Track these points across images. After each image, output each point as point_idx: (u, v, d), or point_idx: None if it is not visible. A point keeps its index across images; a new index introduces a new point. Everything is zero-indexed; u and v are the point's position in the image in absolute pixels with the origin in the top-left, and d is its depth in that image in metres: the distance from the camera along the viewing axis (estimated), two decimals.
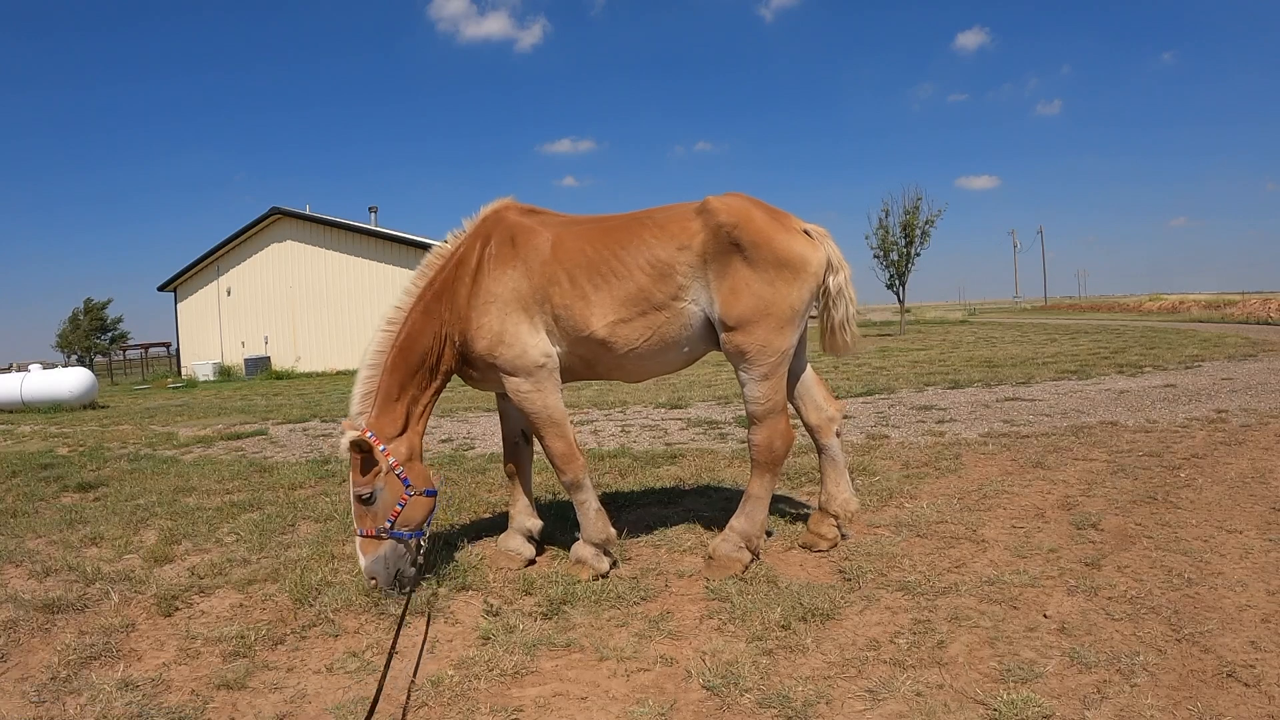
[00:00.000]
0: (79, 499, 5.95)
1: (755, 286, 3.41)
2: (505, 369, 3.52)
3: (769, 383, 3.48)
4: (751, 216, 3.48)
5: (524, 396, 3.54)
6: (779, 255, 3.43)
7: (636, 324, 3.50)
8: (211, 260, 27.90)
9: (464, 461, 6.56)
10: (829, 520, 3.85)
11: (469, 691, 2.62)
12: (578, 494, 3.62)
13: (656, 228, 3.56)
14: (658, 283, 3.47)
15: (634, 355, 3.56)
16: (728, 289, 3.42)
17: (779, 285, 3.42)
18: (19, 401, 15.59)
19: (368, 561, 3.30)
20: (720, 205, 3.50)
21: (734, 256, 3.42)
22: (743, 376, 3.53)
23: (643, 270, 3.48)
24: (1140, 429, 6.45)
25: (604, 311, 3.48)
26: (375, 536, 3.31)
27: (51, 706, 2.66)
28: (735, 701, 2.49)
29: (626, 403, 10.03)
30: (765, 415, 3.51)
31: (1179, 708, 2.31)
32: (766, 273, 3.41)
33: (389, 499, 3.34)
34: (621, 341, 3.51)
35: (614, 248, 3.52)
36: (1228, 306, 33.10)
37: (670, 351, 3.61)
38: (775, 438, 3.52)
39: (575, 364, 3.65)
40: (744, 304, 3.41)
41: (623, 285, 3.48)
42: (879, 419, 7.70)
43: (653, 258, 3.49)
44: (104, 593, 3.69)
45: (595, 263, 3.50)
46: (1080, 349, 15.26)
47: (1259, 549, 3.52)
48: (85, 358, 41.23)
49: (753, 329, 3.42)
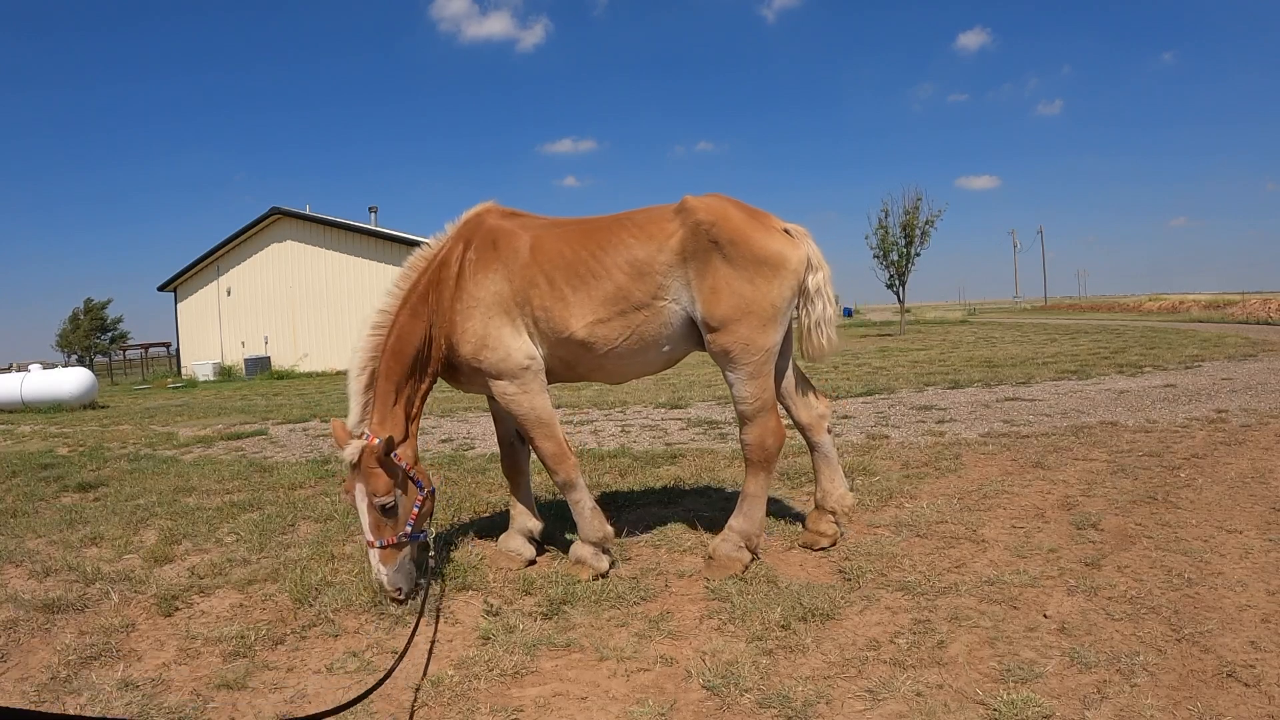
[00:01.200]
0: (79, 499, 5.94)
1: (736, 285, 3.41)
2: (490, 373, 3.52)
3: (756, 381, 3.49)
4: (729, 215, 3.49)
5: (510, 399, 3.54)
6: (758, 253, 3.43)
7: (615, 324, 3.50)
8: (211, 260, 27.90)
9: (464, 461, 6.56)
10: (827, 517, 3.85)
11: (469, 691, 2.62)
12: (571, 494, 3.62)
13: (635, 228, 3.57)
14: (637, 282, 3.48)
15: (614, 355, 3.57)
16: (708, 288, 3.43)
17: (759, 283, 3.42)
18: (19, 401, 15.60)
19: (390, 572, 3.21)
20: (698, 204, 3.52)
21: (713, 255, 3.42)
22: (730, 377, 3.54)
23: (621, 270, 3.49)
24: (1140, 429, 6.45)
25: (583, 312, 3.48)
26: (396, 545, 3.24)
27: (52, 706, 2.66)
28: (735, 701, 2.49)
29: (626, 403, 10.03)
30: (755, 414, 3.52)
31: (1179, 708, 2.31)
32: (746, 270, 3.41)
33: (407, 505, 3.32)
34: (601, 342, 3.52)
35: (593, 249, 3.53)
36: (1228, 306, 33.11)
37: (650, 351, 3.62)
38: (767, 435, 3.53)
39: (556, 366, 3.66)
40: (725, 303, 3.41)
41: (601, 286, 3.48)
42: (879, 419, 7.70)
43: (631, 257, 3.50)
44: (104, 593, 3.69)
45: (574, 264, 3.51)
46: (1080, 349, 15.25)
47: (1259, 549, 3.52)
48: (85, 358, 41.25)
49: (736, 328, 3.42)
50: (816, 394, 3.97)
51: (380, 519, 3.23)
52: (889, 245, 26.30)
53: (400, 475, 3.30)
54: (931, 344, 19.40)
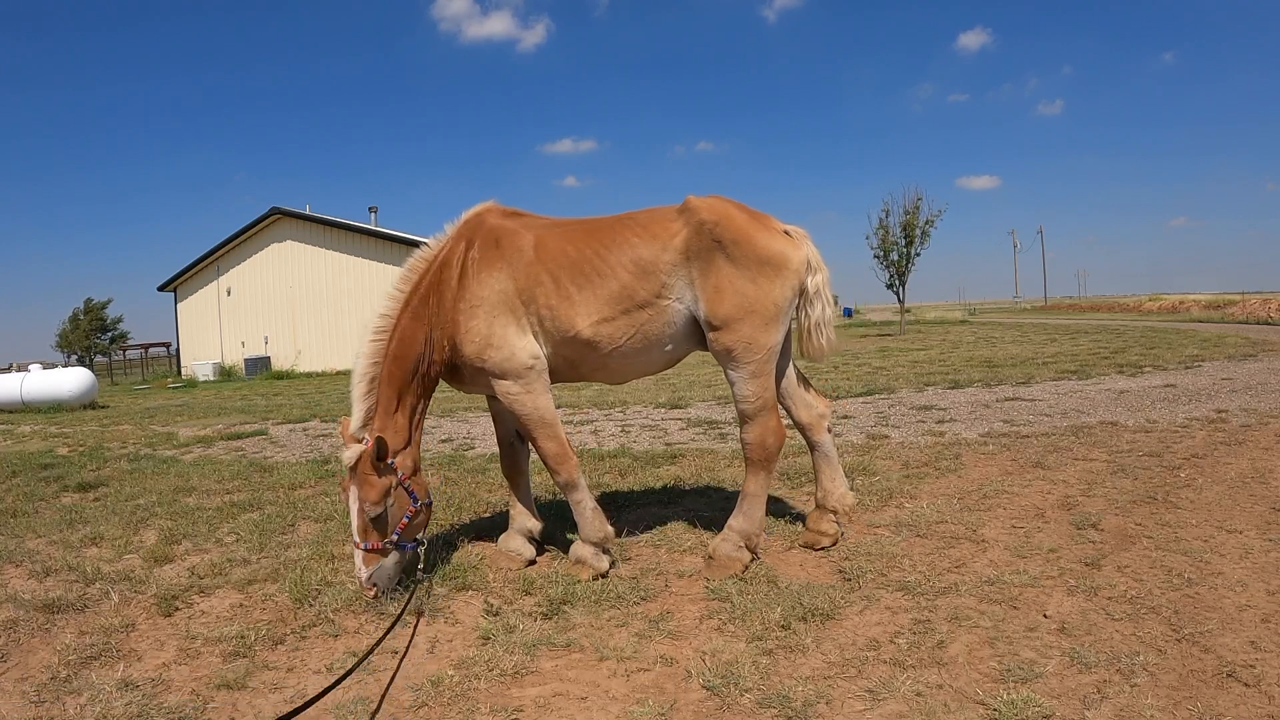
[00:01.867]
0: (79, 499, 5.95)
1: (739, 284, 3.44)
2: (494, 372, 3.53)
3: (758, 381, 3.51)
4: (732, 215, 3.54)
5: (514, 399, 3.54)
6: (760, 253, 3.47)
7: (620, 322, 3.53)
8: (211, 260, 27.90)
9: (464, 461, 6.56)
10: (828, 516, 3.86)
11: (469, 691, 2.62)
12: (573, 494, 3.62)
13: (639, 227, 3.60)
14: (641, 281, 3.51)
15: (618, 354, 3.59)
16: (711, 287, 3.46)
17: (761, 282, 3.46)
18: (19, 401, 15.60)
19: (369, 571, 3.28)
20: (701, 204, 3.56)
21: (716, 254, 3.46)
22: (731, 375, 3.56)
23: (626, 269, 3.51)
24: (1140, 429, 6.45)
25: (588, 311, 3.50)
26: (379, 550, 3.31)
27: (51, 706, 2.66)
28: (735, 701, 2.49)
29: (626, 403, 10.03)
30: (756, 413, 3.54)
31: (1179, 708, 2.31)
32: (749, 270, 3.45)
33: (397, 513, 3.36)
34: (606, 340, 3.54)
35: (597, 248, 3.56)
36: (1228, 306, 33.10)
37: (654, 350, 3.64)
38: (767, 435, 3.55)
39: (560, 365, 3.68)
40: (728, 302, 3.44)
41: (606, 285, 3.51)
42: (879, 419, 7.70)
43: (636, 256, 3.52)
44: (104, 593, 3.69)
45: (579, 263, 3.53)
46: (1080, 349, 15.26)
47: (1259, 549, 3.52)
48: (85, 358, 41.27)
49: (738, 326, 3.45)
50: (816, 394, 3.98)
51: (367, 524, 3.30)
52: (889, 245, 26.30)
53: (394, 484, 3.34)
54: (931, 344, 19.40)
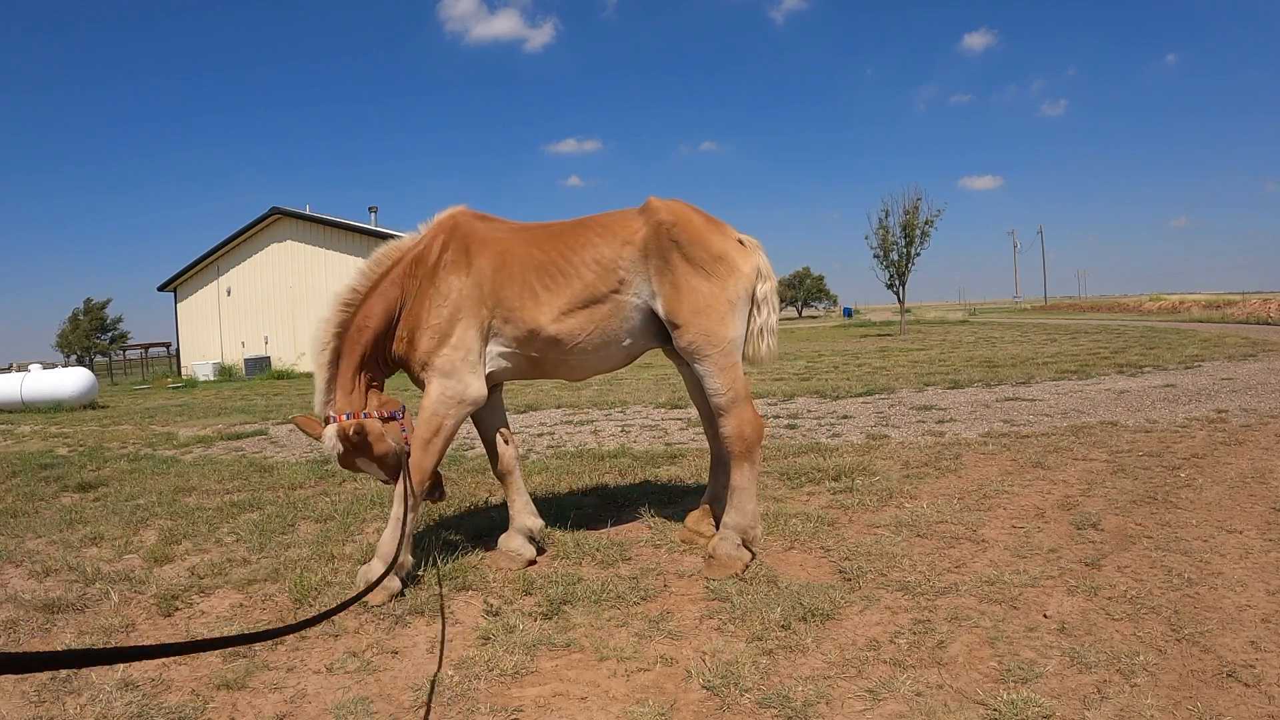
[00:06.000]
0: (79, 499, 5.95)
1: (694, 281, 3.59)
2: (442, 369, 3.57)
3: (726, 374, 3.61)
4: (690, 217, 3.70)
5: (438, 399, 3.58)
6: (714, 252, 3.62)
7: (580, 316, 3.64)
8: (211, 260, 27.91)
9: (464, 461, 6.56)
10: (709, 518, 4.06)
11: (469, 691, 2.62)
12: (400, 507, 3.47)
13: (601, 228, 3.75)
14: (602, 278, 3.65)
15: (578, 350, 3.70)
16: (669, 285, 3.60)
17: (715, 280, 3.61)
18: (19, 401, 15.61)
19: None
20: (661, 205, 3.73)
21: (673, 253, 3.60)
22: (699, 370, 3.65)
23: (589, 268, 3.65)
24: (1140, 429, 6.45)
25: (552, 309, 3.63)
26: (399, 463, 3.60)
27: (51, 706, 2.66)
28: (735, 701, 2.48)
29: (626, 403, 10.02)
30: (730, 405, 3.62)
31: (1179, 708, 2.31)
32: (703, 268, 3.60)
33: (397, 430, 3.65)
34: (567, 336, 3.65)
35: (562, 249, 3.69)
36: (1228, 306, 33.11)
37: (612, 346, 3.76)
38: (744, 425, 3.62)
39: (522, 364, 3.79)
40: (686, 300, 3.58)
41: (570, 284, 3.64)
42: (879, 419, 7.70)
43: (598, 255, 3.66)
44: (104, 593, 3.69)
45: (544, 264, 3.66)
46: (1080, 349, 15.26)
47: (1259, 549, 3.52)
48: (85, 358, 41.28)
49: (697, 319, 3.58)
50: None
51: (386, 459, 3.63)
52: (889, 245, 26.34)
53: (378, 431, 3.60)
54: (931, 344, 19.40)
